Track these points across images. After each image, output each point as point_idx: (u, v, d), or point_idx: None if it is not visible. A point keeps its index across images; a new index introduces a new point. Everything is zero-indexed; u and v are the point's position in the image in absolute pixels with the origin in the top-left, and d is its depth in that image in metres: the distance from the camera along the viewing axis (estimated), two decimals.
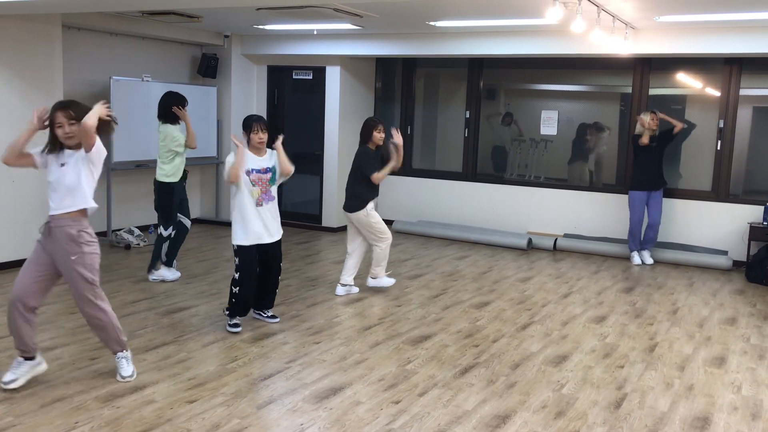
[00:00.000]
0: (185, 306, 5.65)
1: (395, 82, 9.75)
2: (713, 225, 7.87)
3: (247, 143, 4.94)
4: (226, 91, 9.27)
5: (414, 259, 7.70)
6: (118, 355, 4.10)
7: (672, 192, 8.01)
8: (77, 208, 3.85)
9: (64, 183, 3.81)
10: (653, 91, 8.22)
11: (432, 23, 7.30)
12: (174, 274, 6.42)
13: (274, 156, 5.00)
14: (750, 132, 7.95)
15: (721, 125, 7.83)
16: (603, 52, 7.18)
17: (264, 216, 4.93)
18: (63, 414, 3.63)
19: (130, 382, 4.05)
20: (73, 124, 3.78)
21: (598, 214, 8.45)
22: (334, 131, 9.13)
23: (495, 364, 4.58)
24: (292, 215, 9.45)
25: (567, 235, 8.57)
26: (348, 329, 5.21)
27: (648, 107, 8.04)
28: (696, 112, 8.27)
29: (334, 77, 9.06)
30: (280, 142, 4.99)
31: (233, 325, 5.02)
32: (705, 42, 6.95)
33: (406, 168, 9.59)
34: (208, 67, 8.99)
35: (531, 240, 8.44)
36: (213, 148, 9.04)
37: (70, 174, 3.81)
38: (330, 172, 9.20)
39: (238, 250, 4.96)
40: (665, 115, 7.69)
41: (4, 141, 4.23)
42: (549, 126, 8.85)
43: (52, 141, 3.85)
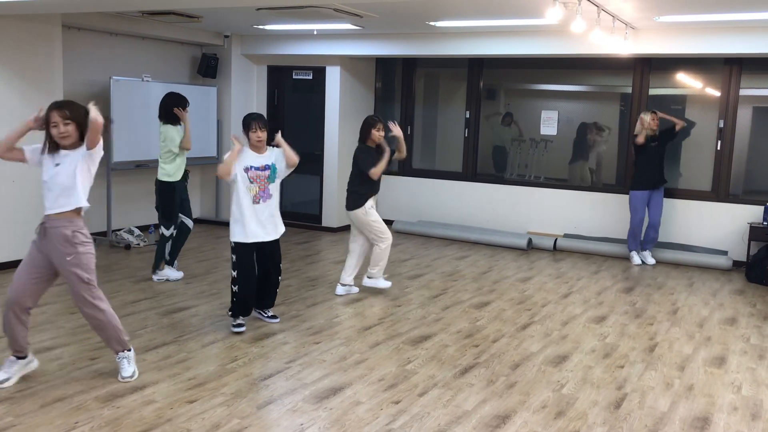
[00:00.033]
0: (185, 306, 5.66)
1: (395, 82, 9.75)
2: (713, 225, 7.87)
3: (248, 142, 4.96)
4: (226, 91, 9.27)
5: (414, 259, 7.70)
6: (119, 356, 4.10)
7: (672, 192, 8.01)
8: (72, 207, 3.83)
9: (58, 182, 3.81)
10: (653, 91, 8.22)
11: (432, 23, 7.30)
12: (177, 273, 6.43)
13: (274, 153, 4.99)
14: (750, 132, 7.95)
15: (721, 125, 7.83)
16: (603, 52, 7.18)
17: (261, 214, 4.92)
18: (63, 414, 3.63)
19: (130, 382, 4.06)
20: (68, 124, 3.78)
21: (598, 214, 8.45)
22: (334, 131, 9.13)
23: (495, 364, 4.58)
24: (292, 215, 9.45)
25: (567, 235, 8.57)
26: (348, 329, 5.21)
27: (648, 107, 8.04)
28: (696, 112, 8.27)
29: (334, 77, 9.06)
30: (280, 135, 5.01)
31: (237, 326, 5.00)
32: (705, 42, 6.95)
33: (406, 168, 9.61)
34: (208, 67, 8.99)
35: (531, 240, 8.44)
36: (213, 148, 9.04)
37: (64, 173, 3.81)
38: (330, 172, 9.20)
39: (234, 247, 4.96)
40: (666, 114, 7.70)
41: None
42: (549, 126, 8.85)
43: (48, 141, 3.85)
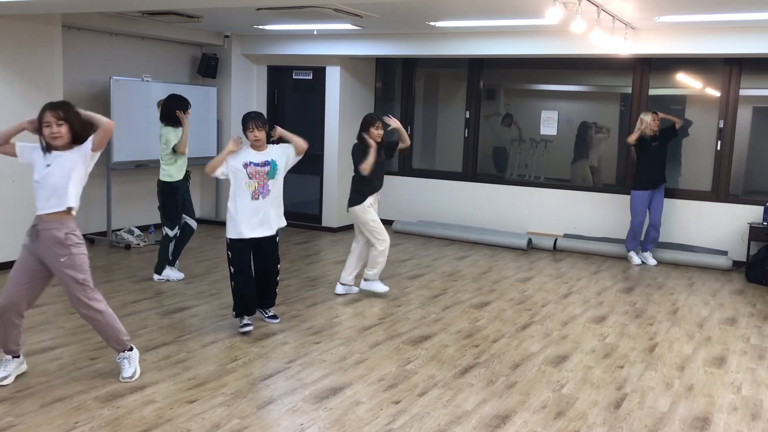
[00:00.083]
0: (185, 306, 5.66)
1: (395, 82, 9.75)
2: (713, 225, 7.87)
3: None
4: (226, 91, 9.28)
5: (414, 259, 7.70)
6: (119, 356, 4.10)
7: (672, 192, 8.01)
8: (63, 207, 3.82)
9: (50, 183, 3.80)
10: (653, 92, 8.22)
11: (432, 23, 7.30)
12: (178, 274, 6.43)
13: (274, 150, 4.98)
14: (750, 132, 7.95)
15: (721, 125, 7.83)
16: (603, 52, 7.18)
17: (259, 210, 4.89)
18: (63, 414, 3.63)
19: (130, 382, 4.06)
20: (61, 125, 3.78)
21: (598, 214, 8.45)
22: (334, 131, 9.13)
23: (495, 364, 4.58)
24: (292, 215, 9.41)
25: (567, 235, 8.57)
26: (348, 329, 5.21)
27: (648, 107, 8.04)
28: (696, 112, 8.27)
29: (334, 77, 9.07)
30: (278, 128, 5.03)
31: (243, 326, 4.98)
32: (705, 42, 6.95)
33: (406, 168, 9.61)
34: (208, 67, 8.99)
35: (531, 240, 8.44)
36: (213, 148, 9.04)
37: (57, 174, 3.80)
38: (330, 172, 9.20)
39: (230, 244, 4.95)
40: (665, 114, 7.70)
41: None
42: (549, 126, 8.85)
43: (42, 141, 3.86)
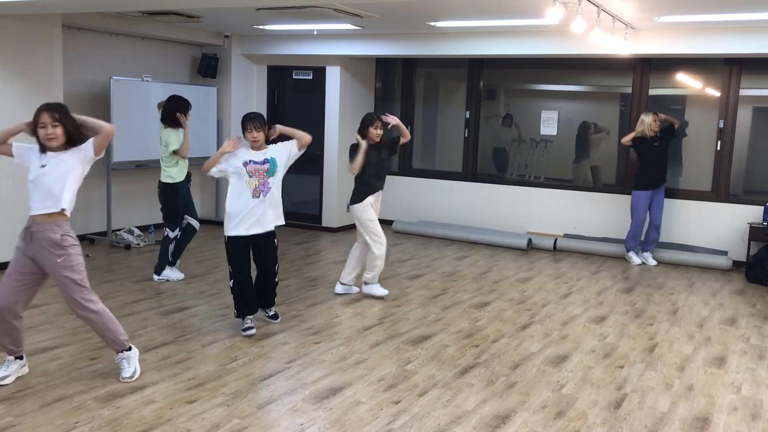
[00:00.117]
0: (185, 306, 5.66)
1: (395, 82, 9.75)
2: (713, 225, 7.87)
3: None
4: (226, 91, 9.28)
5: (414, 259, 7.70)
6: (118, 356, 4.10)
7: (672, 192, 8.01)
8: (58, 208, 3.82)
9: (45, 184, 3.80)
10: (653, 92, 8.22)
11: (432, 23, 7.30)
12: (178, 274, 6.43)
13: (274, 149, 4.97)
14: (750, 132, 7.95)
15: (721, 125, 7.83)
16: (603, 52, 7.18)
17: (258, 208, 4.87)
18: (63, 414, 3.63)
19: (130, 382, 4.06)
20: (57, 126, 3.79)
21: (598, 214, 8.45)
22: (334, 131, 9.13)
23: (495, 364, 4.58)
24: (292, 215, 9.42)
25: (567, 236, 8.57)
26: (348, 329, 5.21)
27: (648, 107, 8.04)
28: (696, 112, 8.27)
29: (334, 77, 9.07)
30: (277, 126, 5.04)
31: (246, 329, 4.95)
32: (705, 42, 6.95)
33: (406, 168, 9.61)
34: (208, 67, 8.99)
35: (531, 240, 8.44)
36: (213, 148, 9.03)
37: (51, 175, 3.80)
38: (330, 172, 9.20)
39: (228, 241, 4.96)
40: (664, 115, 7.71)
41: None
42: (549, 126, 8.85)
43: (37, 141, 3.86)
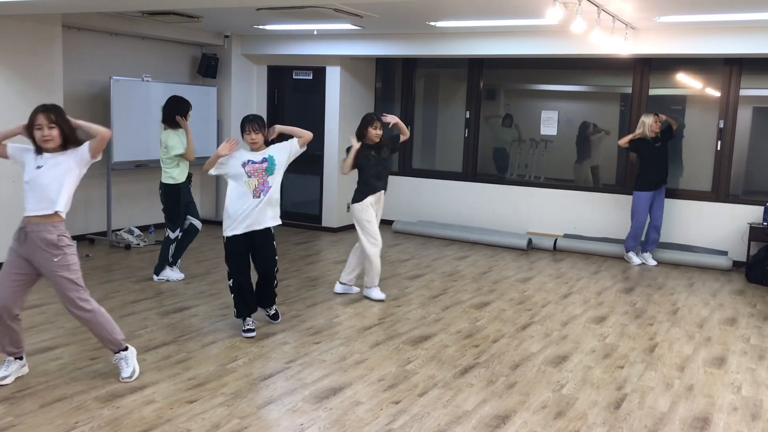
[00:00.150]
0: (185, 306, 5.65)
1: (395, 82, 9.75)
2: (713, 225, 7.87)
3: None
4: (226, 91, 9.28)
5: (414, 259, 7.70)
6: (115, 357, 4.10)
7: (672, 192, 8.01)
8: (53, 210, 3.82)
9: (42, 185, 3.80)
10: (653, 92, 8.22)
11: (432, 23, 7.30)
12: (178, 274, 6.43)
13: (273, 148, 4.96)
14: (750, 132, 7.95)
15: (721, 125, 7.83)
16: (603, 52, 7.18)
17: (258, 207, 4.85)
18: (63, 414, 3.63)
19: (130, 382, 4.06)
20: (53, 128, 3.79)
21: (598, 214, 8.45)
22: (334, 131, 9.13)
23: (495, 364, 4.58)
24: (292, 215, 9.44)
25: (567, 236, 8.57)
26: (348, 329, 5.21)
27: (648, 108, 8.05)
28: (696, 112, 8.28)
29: (334, 77, 9.07)
30: (276, 127, 5.05)
31: (246, 331, 4.95)
32: (705, 42, 6.95)
33: (406, 168, 9.61)
34: (208, 67, 8.99)
35: (531, 240, 8.44)
36: (213, 148, 9.02)
37: (48, 176, 3.81)
38: (330, 172, 9.19)
39: (226, 242, 4.96)
40: (666, 116, 7.71)
41: None
42: (549, 126, 8.85)
43: (32, 143, 3.86)
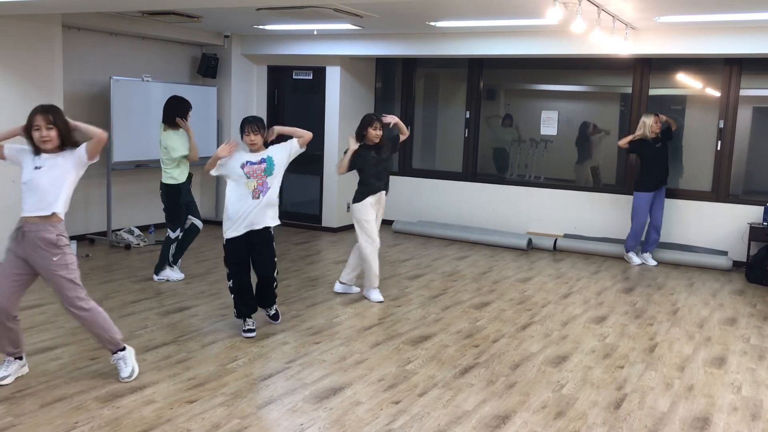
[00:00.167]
0: (185, 306, 5.66)
1: (395, 82, 9.75)
2: (713, 225, 7.87)
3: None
4: (226, 91, 9.28)
5: (414, 259, 7.70)
6: (113, 357, 4.09)
7: (672, 192, 8.00)
8: (53, 211, 3.82)
9: (41, 186, 3.80)
10: (653, 92, 8.22)
11: (432, 23, 7.30)
12: (178, 274, 6.43)
13: (272, 149, 4.96)
14: (750, 132, 7.95)
15: (721, 125, 7.83)
16: (603, 52, 7.18)
17: (257, 208, 4.85)
18: (63, 414, 3.63)
19: (130, 382, 4.06)
20: (51, 129, 3.79)
21: (598, 214, 8.45)
22: (334, 131, 9.13)
23: (495, 364, 4.58)
24: (292, 215, 9.44)
25: (567, 236, 8.57)
26: (348, 329, 5.21)
27: (648, 108, 8.05)
28: (696, 112, 8.28)
29: (334, 77, 9.07)
30: (275, 128, 5.05)
31: (247, 331, 4.95)
32: (705, 42, 6.95)
33: (406, 168, 9.61)
34: (208, 67, 8.99)
35: (531, 240, 8.44)
36: (213, 148, 9.02)
37: (47, 177, 3.81)
38: (330, 172, 9.19)
39: (225, 244, 4.96)
40: (666, 116, 7.71)
41: None
42: (549, 126, 8.85)
43: (30, 143, 3.86)
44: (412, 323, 5.40)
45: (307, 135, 5.01)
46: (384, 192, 5.97)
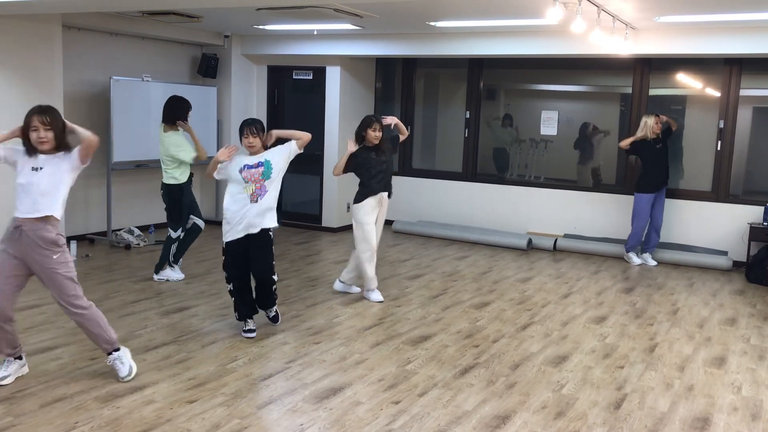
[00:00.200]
0: (185, 306, 5.65)
1: (395, 82, 9.75)
2: (713, 225, 7.87)
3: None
4: (226, 91, 9.28)
5: (414, 259, 7.70)
6: (109, 358, 4.08)
7: (672, 192, 8.00)
8: (50, 212, 3.81)
9: (39, 187, 3.79)
10: (653, 92, 8.22)
11: (432, 23, 7.30)
12: (178, 275, 6.43)
13: (271, 152, 4.96)
14: (750, 132, 7.95)
15: (721, 125, 7.83)
16: (603, 52, 7.18)
17: (255, 212, 4.84)
18: (63, 414, 3.63)
19: (129, 381, 4.06)
20: (48, 130, 3.79)
21: (598, 214, 8.45)
22: (334, 131, 9.13)
23: (495, 364, 4.58)
24: (292, 215, 9.45)
25: (567, 236, 8.56)
26: (348, 329, 5.21)
27: (648, 108, 8.05)
28: (696, 112, 8.27)
29: (334, 77, 9.07)
30: (274, 132, 5.05)
31: (247, 331, 4.96)
32: (705, 42, 6.95)
33: (406, 168, 9.61)
34: (208, 67, 8.99)
35: (531, 240, 8.44)
36: (213, 148, 9.02)
37: (45, 179, 3.80)
38: (330, 172, 9.18)
39: (225, 248, 4.97)
40: (666, 117, 7.71)
41: None
42: (549, 126, 8.86)
43: (26, 144, 3.85)
44: (412, 323, 5.40)
45: (306, 137, 5.01)
46: (386, 194, 5.92)
